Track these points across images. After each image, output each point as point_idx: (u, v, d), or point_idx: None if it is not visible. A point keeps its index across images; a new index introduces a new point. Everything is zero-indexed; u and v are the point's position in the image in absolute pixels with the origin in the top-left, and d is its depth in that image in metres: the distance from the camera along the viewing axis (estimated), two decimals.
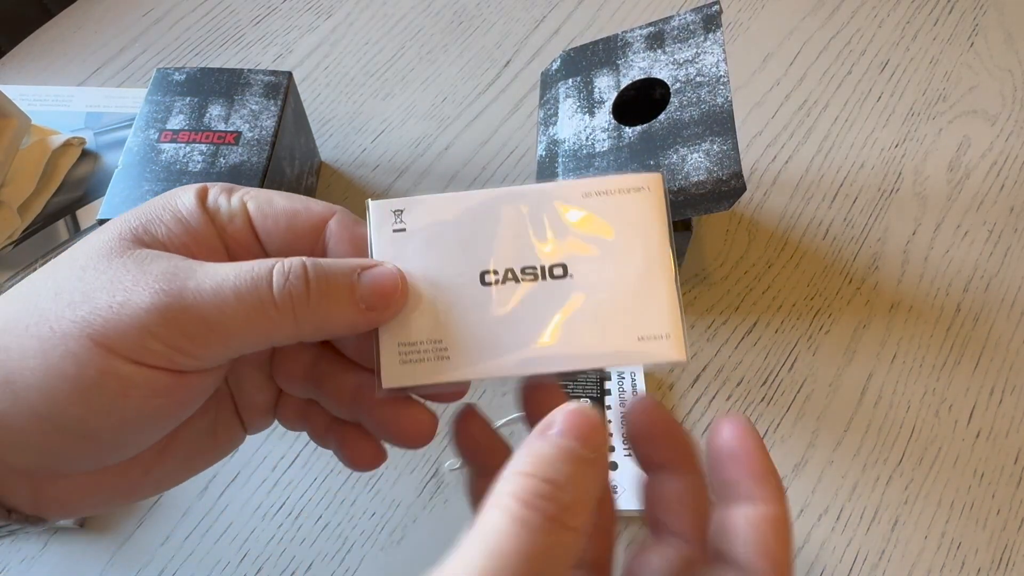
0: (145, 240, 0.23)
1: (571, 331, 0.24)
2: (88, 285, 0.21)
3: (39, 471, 0.22)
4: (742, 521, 0.22)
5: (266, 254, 0.25)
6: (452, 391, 0.25)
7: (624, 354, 0.23)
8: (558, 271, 0.24)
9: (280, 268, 0.22)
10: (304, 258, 0.23)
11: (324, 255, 0.25)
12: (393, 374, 0.24)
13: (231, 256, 0.24)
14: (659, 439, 0.25)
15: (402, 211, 0.25)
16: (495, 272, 0.24)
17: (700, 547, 0.24)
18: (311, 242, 0.25)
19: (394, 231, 0.25)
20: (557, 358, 0.23)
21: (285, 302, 0.22)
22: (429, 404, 0.26)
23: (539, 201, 0.24)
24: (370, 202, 0.25)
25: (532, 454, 0.20)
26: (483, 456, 0.26)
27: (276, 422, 0.28)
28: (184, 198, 0.24)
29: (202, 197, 0.24)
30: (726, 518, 0.23)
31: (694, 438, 0.25)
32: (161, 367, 0.21)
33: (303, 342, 0.26)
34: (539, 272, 0.24)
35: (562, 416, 0.21)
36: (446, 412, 0.44)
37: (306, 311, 0.22)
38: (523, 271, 0.24)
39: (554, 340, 0.24)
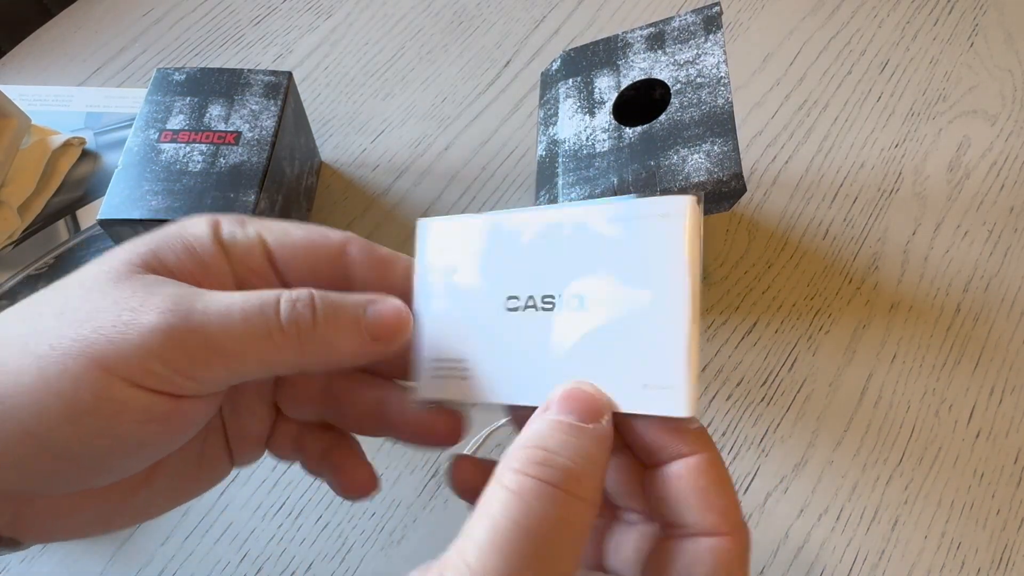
0: (153, 266, 0.23)
1: (581, 367, 0.23)
2: (93, 305, 0.21)
3: (20, 492, 0.22)
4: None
5: (286, 285, 0.25)
6: (450, 425, 0.26)
7: (626, 401, 0.22)
8: (574, 302, 0.23)
9: (288, 296, 0.22)
10: (312, 290, 0.23)
11: (346, 283, 0.25)
12: (427, 386, 0.24)
13: (245, 288, 0.24)
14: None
15: (444, 232, 0.25)
16: (517, 298, 0.24)
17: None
18: (332, 270, 0.25)
19: (437, 251, 0.25)
20: None
21: (291, 328, 0.22)
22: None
23: (566, 224, 0.24)
24: (421, 221, 0.25)
25: (528, 431, 0.21)
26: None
27: (265, 454, 0.28)
28: (196, 228, 0.24)
29: (215, 228, 0.24)
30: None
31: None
32: (160, 391, 0.21)
33: None
34: (556, 301, 0.23)
35: (558, 396, 0.22)
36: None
37: (312, 339, 0.22)
38: (543, 299, 0.23)
39: (563, 375, 0.23)
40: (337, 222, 0.52)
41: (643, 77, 0.43)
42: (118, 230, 0.43)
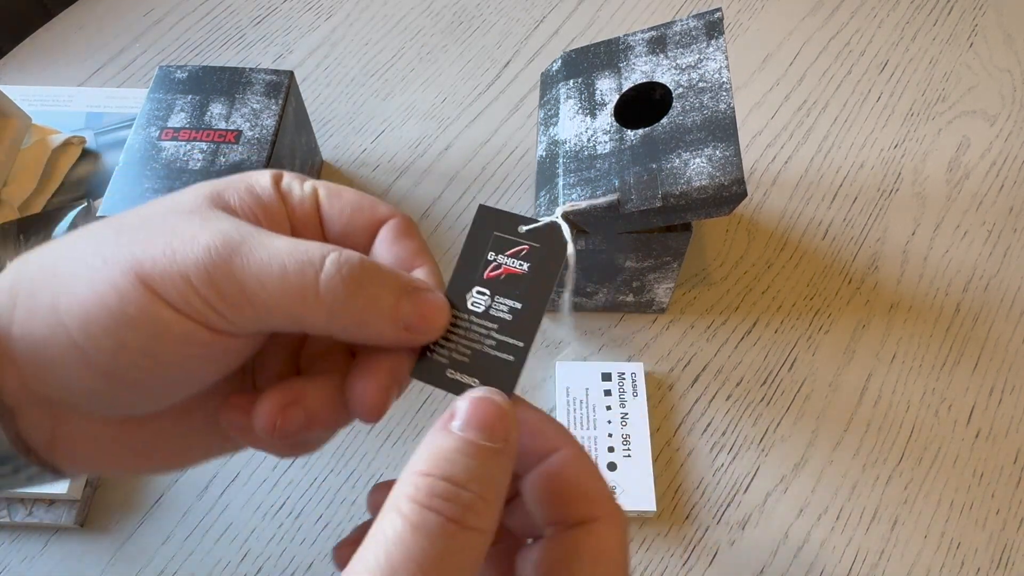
0: (218, 203, 0.23)
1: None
2: (151, 230, 0.22)
3: (62, 405, 0.22)
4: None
5: (326, 238, 0.25)
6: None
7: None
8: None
9: (334, 258, 0.21)
10: (361, 256, 0.22)
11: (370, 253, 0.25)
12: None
13: (295, 234, 0.25)
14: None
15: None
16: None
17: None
18: (368, 238, 0.25)
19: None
20: None
21: (327, 295, 0.21)
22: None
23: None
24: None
25: (430, 450, 0.19)
26: None
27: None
28: (260, 177, 0.25)
29: (277, 179, 0.25)
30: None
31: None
32: (198, 321, 0.21)
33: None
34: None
35: (464, 405, 0.20)
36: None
37: (343, 309, 0.21)
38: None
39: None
40: None
41: (644, 80, 0.43)
42: None
